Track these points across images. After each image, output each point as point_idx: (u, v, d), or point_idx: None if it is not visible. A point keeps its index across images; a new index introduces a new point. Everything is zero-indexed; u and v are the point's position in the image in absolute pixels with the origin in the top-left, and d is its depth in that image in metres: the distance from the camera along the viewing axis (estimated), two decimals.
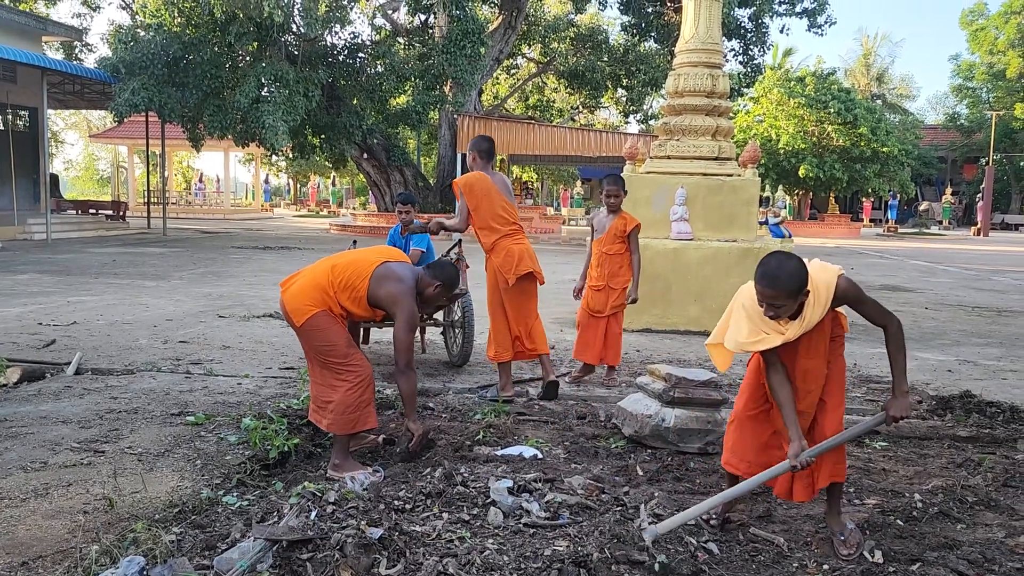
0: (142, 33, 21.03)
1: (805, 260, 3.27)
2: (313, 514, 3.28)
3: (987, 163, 40.32)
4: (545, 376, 5.69)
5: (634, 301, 6.15)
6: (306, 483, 3.70)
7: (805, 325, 3.17)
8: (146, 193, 29.71)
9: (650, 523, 3.27)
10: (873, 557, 3.21)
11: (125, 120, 21.65)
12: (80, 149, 61.16)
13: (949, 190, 44.42)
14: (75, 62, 26.50)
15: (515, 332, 5.61)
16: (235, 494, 3.72)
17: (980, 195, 38.40)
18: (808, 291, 3.14)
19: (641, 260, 6.26)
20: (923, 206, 44.49)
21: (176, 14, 20.89)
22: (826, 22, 28.41)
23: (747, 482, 3.34)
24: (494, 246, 5.64)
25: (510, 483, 3.68)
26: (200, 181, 46.73)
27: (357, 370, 4.07)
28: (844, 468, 3.36)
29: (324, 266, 4.18)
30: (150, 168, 29.33)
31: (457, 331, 6.77)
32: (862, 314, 3.27)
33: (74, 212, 26.71)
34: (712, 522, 3.48)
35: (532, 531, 3.26)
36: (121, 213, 26.79)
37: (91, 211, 27.24)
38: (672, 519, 3.25)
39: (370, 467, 4.13)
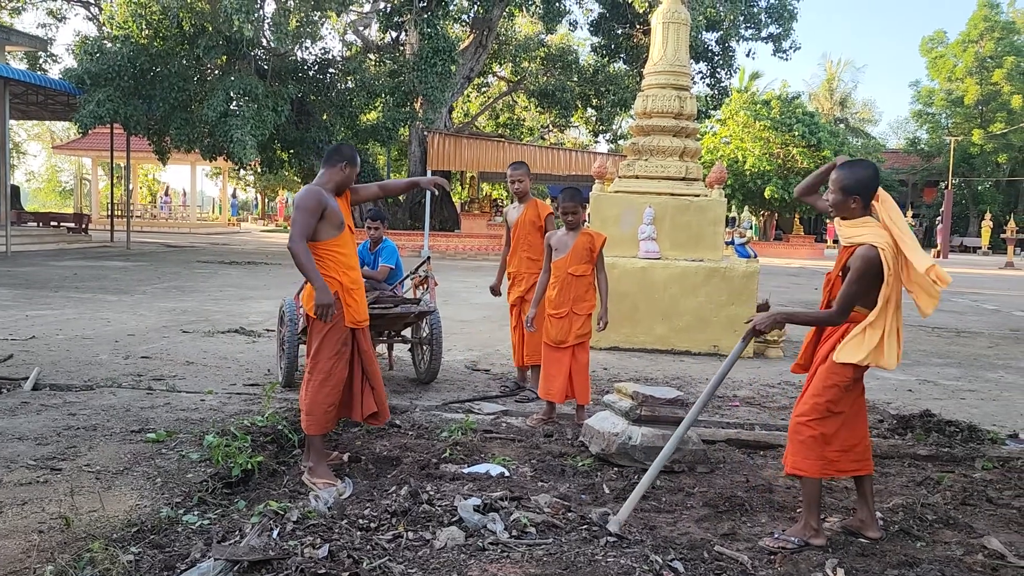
0: (108, 44, 20.81)
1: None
2: (275, 533, 3.24)
3: (946, 187, 41.28)
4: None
5: (605, 326, 5.59)
6: (269, 501, 3.65)
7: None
8: (110, 206, 29.27)
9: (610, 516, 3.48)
10: (835, 574, 3.24)
11: (90, 132, 21.37)
12: (43, 160, 60.13)
13: (910, 213, 45.27)
14: (39, 72, 26.10)
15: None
16: (196, 513, 3.65)
17: (940, 218, 39.26)
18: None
19: (608, 279, 5.90)
20: None
21: (144, 26, 20.70)
22: (791, 47, 28.99)
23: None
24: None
25: (478, 501, 3.66)
26: (166, 194, 46.15)
27: (334, 374, 4.22)
28: (797, 459, 3.54)
29: None
30: (114, 180, 28.93)
31: (425, 348, 6.74)
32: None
33: (35, 224, 26.23)
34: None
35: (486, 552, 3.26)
36: (84, 226, 26.37)
37: (53, 223, 26.77)
38: (627, 502, 3.56)
39: (339, 480, 4.12)
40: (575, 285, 5.48)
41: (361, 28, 27.64)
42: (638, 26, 27.83)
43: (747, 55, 41.69)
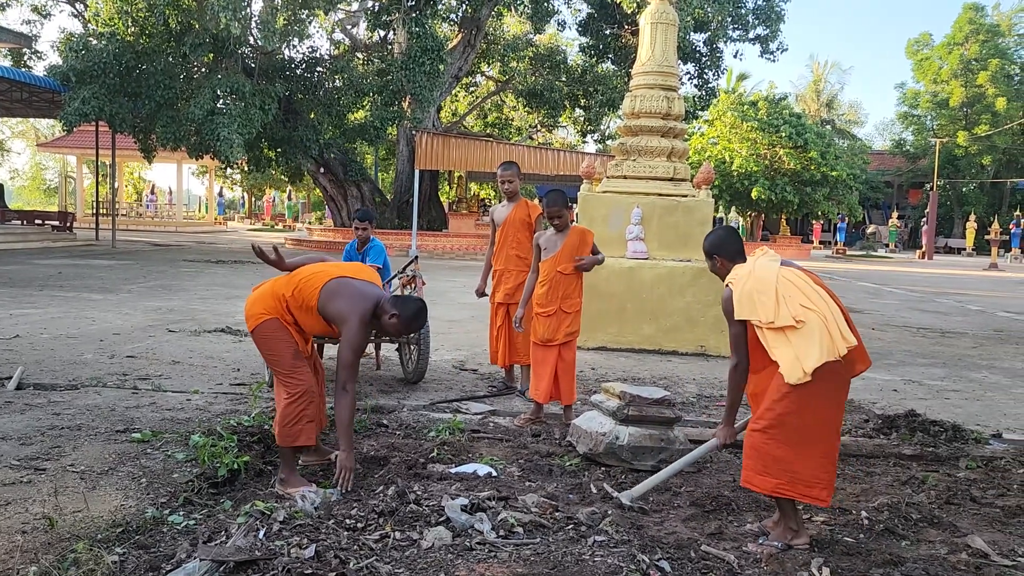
0: (94, 42, 20.65)
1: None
2: (261, 533, 3.23)
3: (931, 188, 41.57)
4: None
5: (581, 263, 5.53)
6: (255, 501, 3.63)
7: None
8: (95, 204, 29.07)
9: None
10: (821, 574, 3.25)
11: (75, 129, 21.20)
12: (27, 158, 59.68)
13: (895, 214, 45.73)
14: (24, 69, 25.88)
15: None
16: (181, 513, 3.63)
17: (925, 219, 39.55)
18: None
19: (597, 274, 6.06)
20: (870, 229, 45.64)
21: (130, 23, 20.57)
22: (778, 48, 29.11)
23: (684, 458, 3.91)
24: None
25: (465, 501, 3.66)
26: (152, 193, 45.89)
27: (299, 384, 4.02)
28: (749, 475, 3.56)
29: (290, 275, 4.16)
30: (100, 179, 28.73)
31: (412, 348, 6.73)
32: None
33: (19, 223, 26.03)
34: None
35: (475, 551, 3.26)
36: (68, 224, 26.19)
37: (37, 222, 26.57)
38: (643, 484, 3.88)
39: (315, 485, 4.07)
40: (563, 283, 5.51)
41: (349, 27, 27.56)
42: (626, 26, 27.86)
43: (735, 56, 41.95)
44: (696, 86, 30.29)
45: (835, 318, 3.47)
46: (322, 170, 26.49)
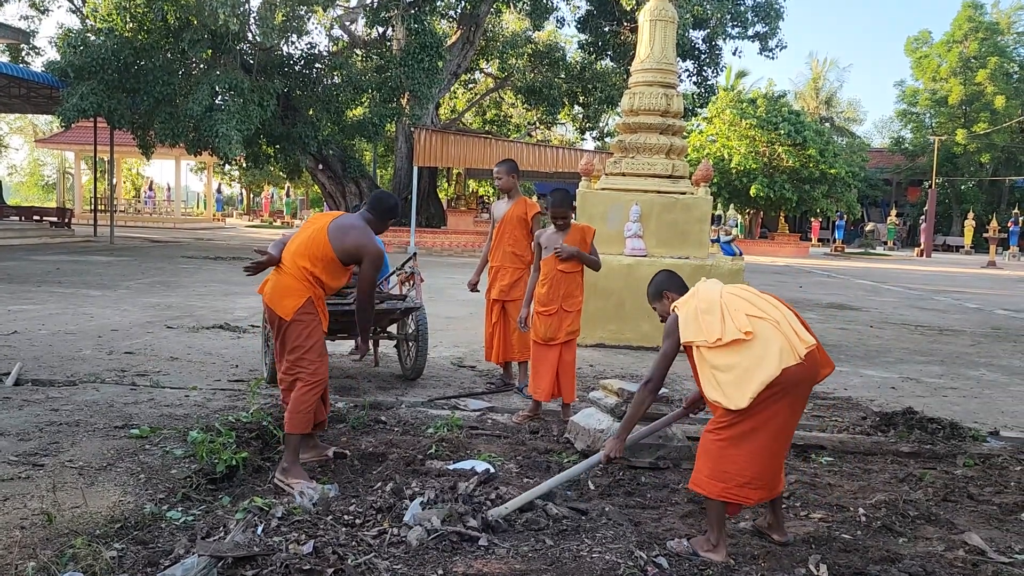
0: (92, 37, 20.60)
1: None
2: (259, 529, 3.23)
3: (930, 186, 41.60)
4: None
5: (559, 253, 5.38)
6: (254, 497, 3.64)
7: None
8: (93, 200, 29.03)
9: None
10: (818, 571, 3.26)
11: (73, 125, 21.16)
12: (25, 154, 59.56)
13: (894, 212, 45.74)
14: (22, 65, 25.82)
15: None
16: (180, 509, 3.63)
17: (923, 217, 39.59)
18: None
19: (596, 272, 5.97)
20: (869, 227, 45.69)
21: (128, 19, 20.51)
22: (777, 46, 29.07)
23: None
24: None
25: (422, 498, 3.62)
26: (150, 189, 45.79)
27: (319, 375, 4.25)
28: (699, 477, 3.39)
29: (287, 258, 4.32)
30: (98, 175, 28.69)
31: (411, 344, 6.73)
32: None
33: (17, 219, 25.96)
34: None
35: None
36: (66, 220, 26.13)
37: (35, 218, 26.50)
38: (513, 501, 3.66)
39: (315, 480, 4.08)
40: (564, 282, 5.48)
41: (348, 23, 27.49)
42: (625, 23, 27.82)
43: (734, 53, 42.13)
44: (695, 83, 30.26)
45: (789, 322, 3.37)
46: (320, 167, 26.45)
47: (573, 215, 6.12)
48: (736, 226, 41.53)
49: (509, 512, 3.57)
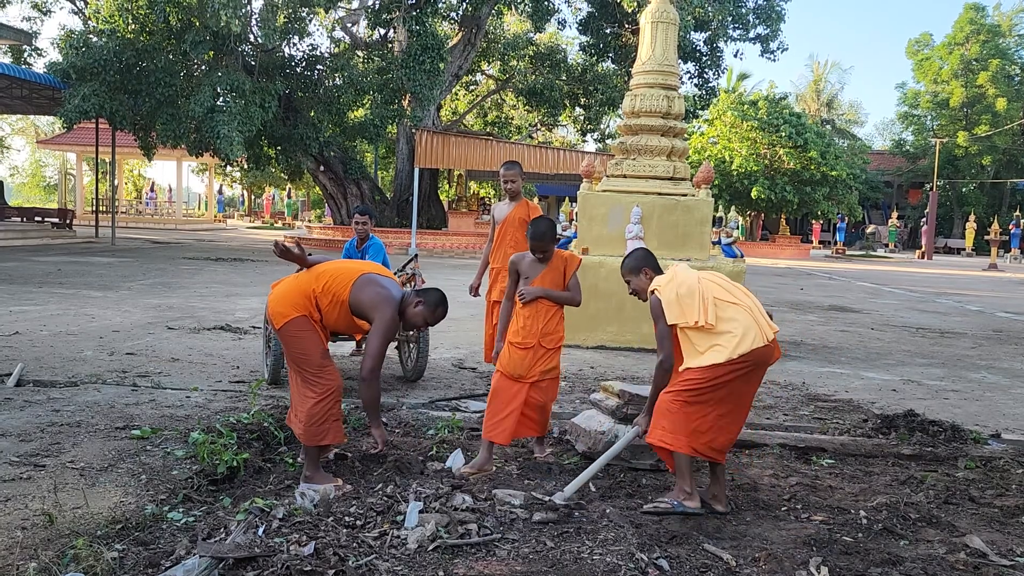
0: (94, 39, 20.65)
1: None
2: (260, 530, 3.23)
3: (931, 188, 41.59)
4: None
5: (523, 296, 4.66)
6: (255, 499, 3.64)
7: None
8: (95, 202, 29.05)
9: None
10: (819, 573, 3.26)
11: (75, 126, 21.19)
12: (27, 155, 59.60)
13: (895, 214, 45.74)
14: (24, 66, 25.86)
15: None
16: (181, 510, 3.64)
17: (924, 219, 39.57)
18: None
19: (592, 284, 5.58)
20: (870, 229, 45.69)
21: (130, 20, 20.56)
22: (778, 48, 29.08)
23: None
24: None
25: (420, 504, 3.62)
26: (151, 190, 45.89)
27: (327, 383, 4.04)
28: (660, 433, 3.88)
29: (313, 271, 4.19)
30: (99, 176, 28.71)
31: (412, 346, 6.74)
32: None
33: (19, 220, 26.00)
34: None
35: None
36: (68, 221, 26.17)
37: (37, 219, 26.54)
38: (575, 481, 3.94)
39: (340, 480, 4.07)
40: (544, 314, 4.63)
41: (349, 25, 27.51)
42: (627, 25, 27.84)
43: (735, 56, 42.05)
44: (696, 85, 30.27)
45: (759, 309, 3.92)
46: (322, 168, 26.48)
47: (573, 216, 6.09)
48: (737, 228, 41.50)
49: (569, 495, 3.84)
